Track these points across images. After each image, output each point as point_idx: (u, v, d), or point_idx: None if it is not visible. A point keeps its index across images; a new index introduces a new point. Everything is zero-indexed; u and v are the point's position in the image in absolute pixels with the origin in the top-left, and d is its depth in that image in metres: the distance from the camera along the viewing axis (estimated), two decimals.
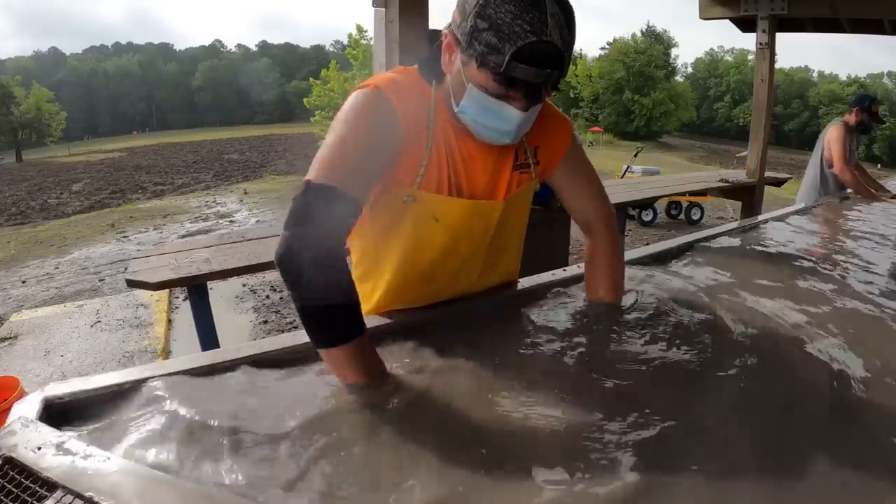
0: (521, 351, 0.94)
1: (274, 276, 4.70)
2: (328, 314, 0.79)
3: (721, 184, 4.36)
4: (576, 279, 1.25)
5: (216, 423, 0.70)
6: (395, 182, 0.92)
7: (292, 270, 0.77)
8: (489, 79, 0.79)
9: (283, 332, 3.47)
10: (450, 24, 0.84)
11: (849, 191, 3.10)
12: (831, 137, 3.15)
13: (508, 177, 0.99)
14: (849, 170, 3.05)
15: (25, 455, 0.58)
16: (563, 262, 1.22)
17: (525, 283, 1.22)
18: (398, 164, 0.90)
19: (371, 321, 0.97)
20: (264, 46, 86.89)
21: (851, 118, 3.18)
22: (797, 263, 1.55)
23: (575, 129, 1.11)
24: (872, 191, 3.02)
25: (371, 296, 1.05)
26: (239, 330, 3.71)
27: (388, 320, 1.01)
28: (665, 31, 43.24)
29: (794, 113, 47.94)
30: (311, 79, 12.90)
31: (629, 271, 1.25)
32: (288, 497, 0.59)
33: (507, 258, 1.13)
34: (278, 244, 0.78)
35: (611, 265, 1.12)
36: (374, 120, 0.87)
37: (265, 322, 3.89)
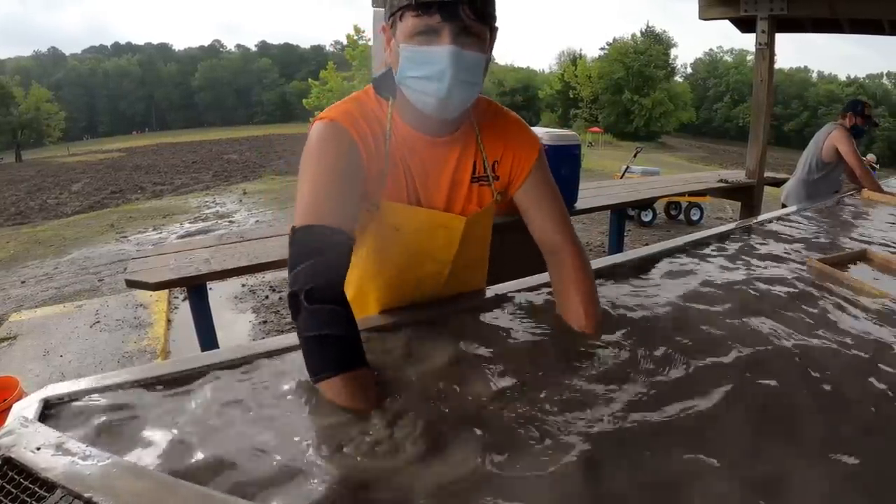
0: (494, 357, 0.92)
1: (273, 276, 4.70)
2: (323, 344, 0.78)
3: (720, 184, 4.36)
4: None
5: (216, 424, 0.70)
6: (363, 197, 0.94)
7: (292, 306, 0.79)
8: (410, 19, 0.83)
9: (282, 332, 3.48)
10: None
11: (863, 189, 3.06)
12: (837, 139, 3.15)
13: (467, 189, 1.01)
14: (866, 169, 3.06)
15: (24, 455, 0.58)
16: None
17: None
18: (365, 182, 0.93)
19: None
20: (263, 46, 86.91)
21: (846, 122, 3.21)
22: (794, 264, 1.55)
23: (543, 150, 1.06)
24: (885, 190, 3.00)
25: None
26: (238, 330, 3.71)
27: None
28: (664, 31, 43.38)
29: (794, 113, 47.94)
30: (310, 80, 12.90)
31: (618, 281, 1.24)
32: (288, 497, 0.59)
33: (472, 274, 1.15)
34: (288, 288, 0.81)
35: (586, 292, 1.03)
36: (335, 151, 0.90)
37: (264, 322, 3.88)
